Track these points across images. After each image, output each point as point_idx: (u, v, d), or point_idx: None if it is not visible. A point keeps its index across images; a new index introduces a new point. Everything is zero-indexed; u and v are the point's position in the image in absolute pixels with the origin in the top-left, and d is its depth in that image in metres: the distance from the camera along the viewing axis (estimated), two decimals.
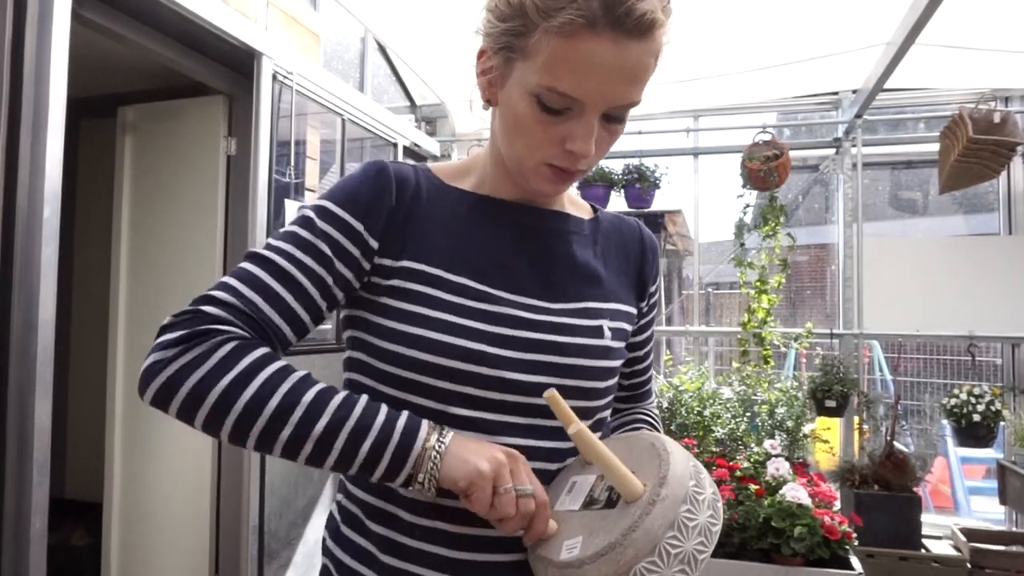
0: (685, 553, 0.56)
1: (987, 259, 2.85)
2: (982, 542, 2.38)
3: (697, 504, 0.58)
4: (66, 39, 1.47)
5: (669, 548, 0.55)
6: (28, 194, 1.43)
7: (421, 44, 2.91)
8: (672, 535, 0.56)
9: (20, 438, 1.41)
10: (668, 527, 0.56)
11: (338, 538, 0.73)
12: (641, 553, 0.55)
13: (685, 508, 0.57)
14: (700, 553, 0.56)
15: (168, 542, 2.38)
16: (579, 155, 0.65)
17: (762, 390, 2.99)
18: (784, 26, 2.57)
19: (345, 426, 0.60)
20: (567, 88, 0.62)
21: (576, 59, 0.61)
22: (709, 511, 0.58)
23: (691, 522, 0.56)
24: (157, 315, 2.44)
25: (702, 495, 0.59)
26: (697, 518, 0.57)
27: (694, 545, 0.56)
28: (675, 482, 0.58)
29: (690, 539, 0.56)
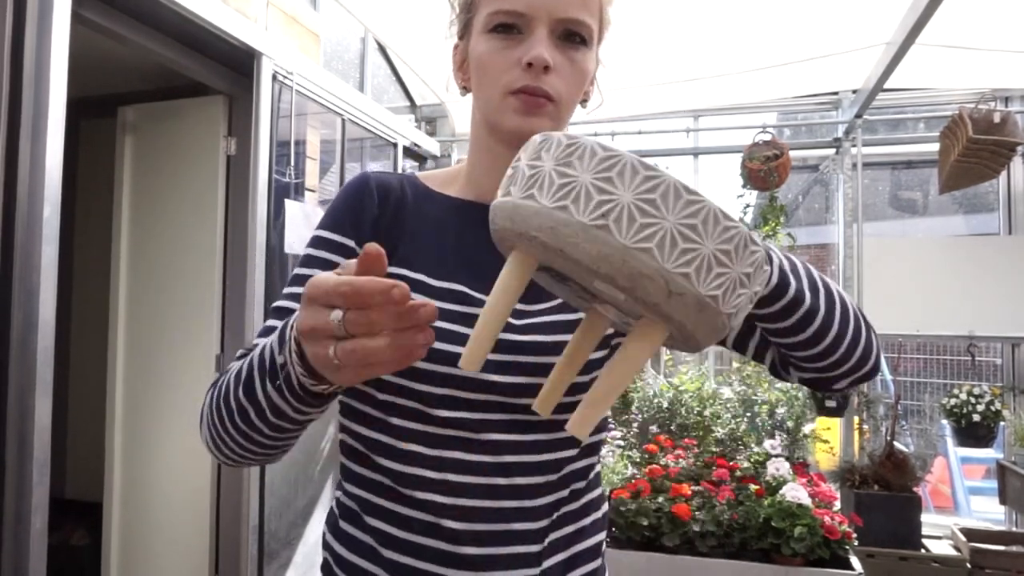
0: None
1: (987, 259, 2.85)
2: (982, 542, 2.38)
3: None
4: (66, 39, 1.47)
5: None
6: (28, 194, 1.43)
7: (421, 44, 2.91)
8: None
9: (20, 438, 1.41)
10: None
11: (337, 533, 0.74)
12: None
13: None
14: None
15: (168, 542, 2.38)
16: (535, 65, 0.66)
17: (762, 390, 2.99)
18: (784, 26, 2.57)
19: (247, 376, 0.59)
20: (511, 3, 0.67)
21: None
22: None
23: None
24: (157, 315, 2.45)
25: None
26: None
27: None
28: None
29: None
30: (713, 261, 0.41)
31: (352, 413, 0.74)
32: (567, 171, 0.42)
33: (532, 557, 0.68)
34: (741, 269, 0.42)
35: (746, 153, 3.02)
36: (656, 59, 2.79)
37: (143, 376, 2.47)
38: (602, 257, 0.41)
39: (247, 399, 0.58)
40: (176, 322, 2.42)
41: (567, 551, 0.71)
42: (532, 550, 0.68)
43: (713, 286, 0.41)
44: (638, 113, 3.31)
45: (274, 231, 2.18)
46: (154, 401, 2.45)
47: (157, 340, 2.45)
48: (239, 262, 2.28)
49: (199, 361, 2.37)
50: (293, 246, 2.28)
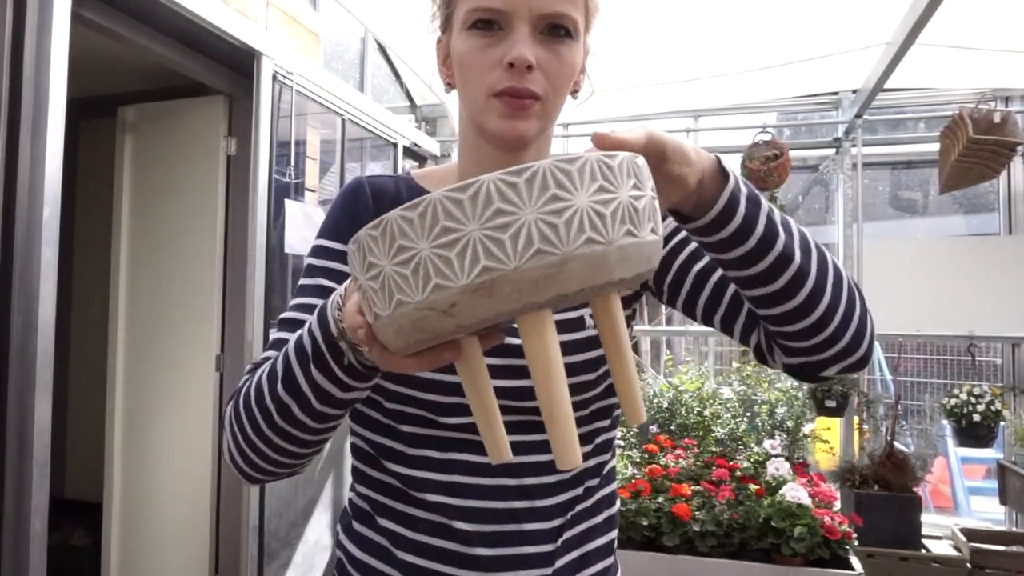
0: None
1: (987, 259, 2.85)
2: (982, 542, 2.38)
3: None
4: (66, 39, 1.47)
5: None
6: (28, 194, 1.43)
7: (421, 44, 2.91)
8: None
9: (20, 438, 1.41)
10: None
11: (350, 533, 0.75)
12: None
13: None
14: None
15: (168, 542, 2.38)
16: (517, 64, 0.62)
17: (762, 390, 2.99)
18: (784, 26, 2.57)
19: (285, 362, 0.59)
20: (488, 1, 0.64)
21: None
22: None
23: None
24: (157, 315, 2.45)
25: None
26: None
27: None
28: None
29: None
30: (586, 213, 0.37)
31: (361, 418, 0.74)
32: (374, 270, 0.40)
33: (544, 557, 0.68)
34: (588, 198, 0.37)
35: (746, 153, 3.02)
36: (656, 59, 2.79)
37: (143, 376, 2.47)
38: (510, 298, 0.37)
39: (288, 393, 0.58)
40: (176, 322, 2.42)
41: (580, 549, 0.71)
42: (544, 549, 0.68)
43: (601, 229, 0.37)
44: (638, 113, 3.31)
45: (274, 231, 2.18)
46: (154, 401, 2.45)
47: (157, 340, 2.45)
48: (239, 262, 2.28)
49: (199, 361, 2.37)
50: (293, 246, 2.28)
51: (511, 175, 0.37)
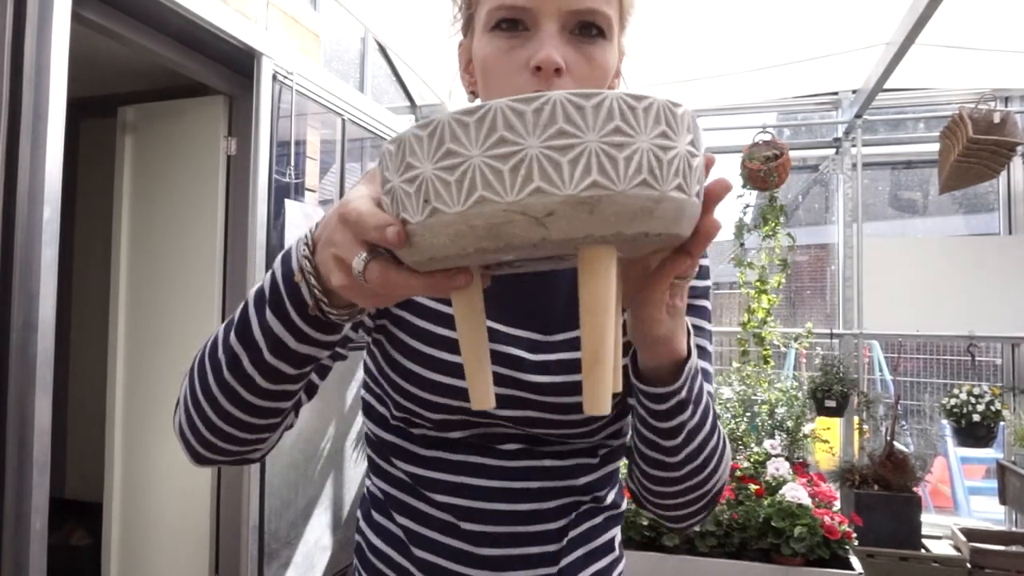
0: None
1: (987, 259, 2.85)
2: (982, 542, 2.38)
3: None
4: (66, 39, 1.47)
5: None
6: (28, 194, 1.43)
7: (421, 44, 2.91)
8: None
9: (20, 438, 1.41)
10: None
11: (370, 522, 0.76)
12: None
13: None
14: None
15: (168, 542, 2.38)
16: (545, 67, 0.56)
17: (762, 390, 2.99)
18: (784, 26, 2.57)
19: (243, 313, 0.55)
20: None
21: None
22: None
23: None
24: (157, 315, 2.45)
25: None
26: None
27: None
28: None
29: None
30: (683, 160, 0.36)
31: (371, 413, 0.75)
32: (453, 159, 0.36)
33: (549, 556, 0.69)
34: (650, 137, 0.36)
35: (746, 153, 3.02)
36: (656, 59, 2.79)
37: (143, 376, 2.47)
38: (607, 221, 0.35)
39: (241, 341, 0.53)
40: (176, 322, 2.42)
41: (585, 547, 0.72)
42: (550, 549, 0.69)
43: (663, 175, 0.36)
44: None
45: (274, 231, 2.18)
46: (154, 401, 2.45)
47: (157, 340, 2.45)
48: (239, 262, 2.28)
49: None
50: None
51: (633, 99, 0.36)
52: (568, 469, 0.69)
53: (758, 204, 3.19)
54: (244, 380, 0.54)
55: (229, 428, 0.58)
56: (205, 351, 0.58)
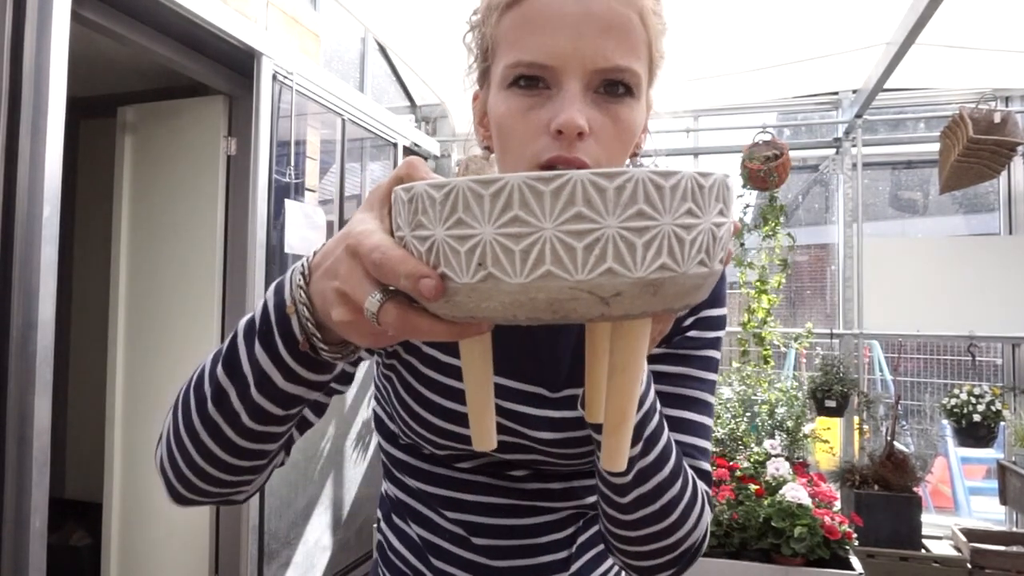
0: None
1: (987, 259, 2.85)
2: (982, 542, 2.38)
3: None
4: (66, 39, 1.47)
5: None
6: (28, 194, 1.43)
7: (421, 44, 2.91)
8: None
9: (20, 438, 1.41)
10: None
11: (390, 523, 0.76)
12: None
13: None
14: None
15: (168, 542, 2.38)
16: (567, 131, 0.51)
17: (762, 390, 2.99)
18: (784, 26, 2.57)
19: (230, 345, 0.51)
20: (532, 54, 0.53)
21: (532, 18, 0.53)
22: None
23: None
24: (157, 315, 2.45)
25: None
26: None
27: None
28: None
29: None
30: (670, 233, 0.34)
31: (382, 428, 0.76)
32: (521, 227, 0.33)
33: (560, 563, 0.70)
34: (673, 218, 0.34)
35: (746, 153, 3.02)
36: None
37: (143, 376, 2.47)
38: (665, 300, 0.35)
39: (227, 373, 0.49)
40: (176, 322, 2.42)
41: (594, 549, 0.72)
42: (560, 557, 0.70)
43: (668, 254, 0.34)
44: None
45: (274, 231, 2.18)
46: (154, 401, 2.45)
47: (157, 340, 2.45)
48: (239, 262, 2.28)
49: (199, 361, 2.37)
50: (293, 246, 2.28)
51: (701, 177, 0.35)
52: (576, 490, 0.70)
53: (758, 204, 3.19)
54: (229, 417, 0.50)
55: (211, 468, 0.54)
56: (191, 383, 0.54)
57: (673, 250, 0.34)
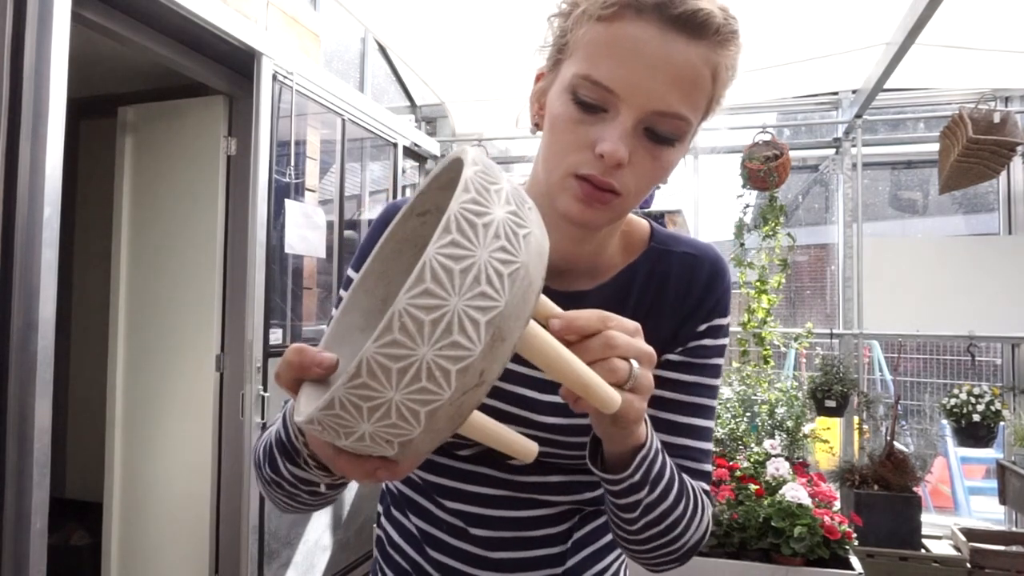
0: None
1: (987, 259, 2.85)
2: (982, 542, 2.38)
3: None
4: (66, 39, 1.47)
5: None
6: (28, 194, 1.43)
7: (421, 44, 2.91)
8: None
9: (20, 438, 1.41)
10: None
11: (389, 517, 0.78)
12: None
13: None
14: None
15: (168, 542, 2.38)
16: (607, 159, 0.56)
17: (762, 390, 2.99)
18: (784, 26, 2.57)
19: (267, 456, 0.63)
20: (602, 75, 0.56)
21: (616, 43, 0.55)
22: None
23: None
24: (157, 315, 2.45)
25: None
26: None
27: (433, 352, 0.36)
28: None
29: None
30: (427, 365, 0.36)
31: None
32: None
33: (556, 557, 0.71)
34: (436, 349, 0.36)
35: (746, 153, 3.02)
36: None
37: (143, 376, 2.47)
38: (514, 328, 0.39)
39: (275, 475, 0.60)
40: (176, 322, 2.42)
41: (590, 547, 0.73)
42: (556, 551, 0.71)
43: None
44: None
45: (274, 231, 2.19)
46: (154, 401, 2.45)
47: (157, 340, 2.45)
48: (239, 262, 2.28)
49: (199, 361, 2.37)
50: (293, 246, 2.28)
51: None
52: (574, 484, 0.71)
53: (758, 204, 3.19)
54: (291, 495, 0.60)
55: (290, 502, 0.63)
56: (260, 454, 0.63)
57: (482, 307, 0.36)
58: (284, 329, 2.31)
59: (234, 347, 2.32)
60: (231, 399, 2.33)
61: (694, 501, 0.64)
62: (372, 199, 3.15)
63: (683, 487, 0.63)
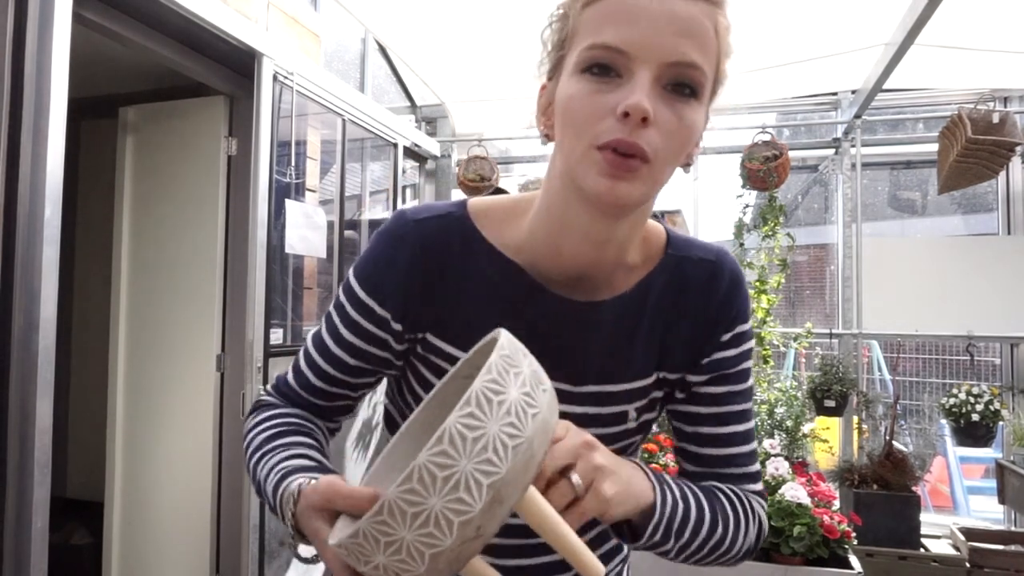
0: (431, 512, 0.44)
1: (986, 259, 2.85)
2: (981, 541, 2.38)
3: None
4: (66, 39, 1.48)
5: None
6: (29, 194, 1.44)
7: (421, 44, 2.91)
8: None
9: (21, 438, 1.42)
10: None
11: None
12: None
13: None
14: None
15: (169, 541, 2.39)
16: (633, 113, 0.53)
17: (761, 390, 2.99)
18: (784, 26, 2.57)
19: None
20: (609, 37, 0.55)
21: (616, 10, 0.56)
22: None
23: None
24: (157, 315, 2.45)
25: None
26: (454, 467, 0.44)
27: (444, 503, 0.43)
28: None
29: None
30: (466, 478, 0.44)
31: (391, 424, 0.78)
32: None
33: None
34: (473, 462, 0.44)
35: (745, 153, 3.02)
36: None
37: (144, 376, 2.47)
38: (513, 494, 0.46)
39: (266, 502, 0.65)
40: (177, 322, 2.42)
41: (598, 550, 0.74)
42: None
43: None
44: None
45: (275, 231, 2.19)
46: (155, 401, 2.45)
47: (158, 340, 2.46)
48: (239, 262, 2.29)
49: (199, 361, 2.38)
50: (293, 246, 2.29)
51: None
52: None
53: (758, 204, 3.19)
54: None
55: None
56: (251, 461, 0.69)
57: (487, 471, 0.44)
58: (284, 329, 2.31)
59: (234, 347, 2.32)
60: (231, 399, 2.34)
61: (735, 517, 0.67)
62: (372, 199, 3.16)
63: (717, 515, 0.66)
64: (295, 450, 0.66)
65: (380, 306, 0.67)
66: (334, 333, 0.70)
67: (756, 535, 0.70)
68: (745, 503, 0.70)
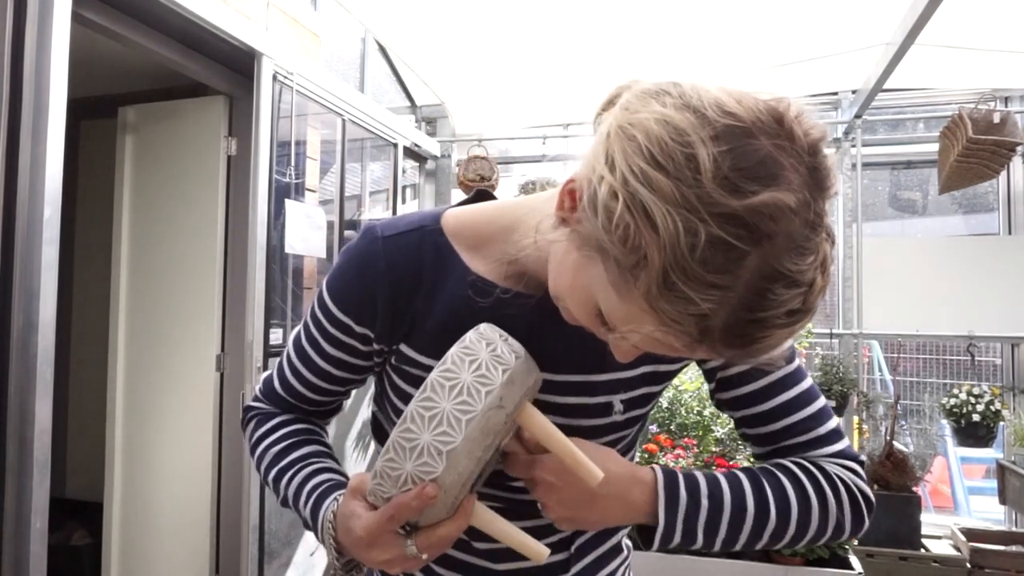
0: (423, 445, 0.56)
1: (986, 259, 2.85)
2: (982, 542, 2.38)
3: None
4: (66, 39, 1.48)
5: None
6: (29, 194, 1.43)
7: (421, 44, 2.91)
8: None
9: (21, 438, 1.41)
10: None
11: None
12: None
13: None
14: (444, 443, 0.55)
15: (169, 541, 2.39)
16: (616, 356, 0.56)
17: None
18: (784, 26, 2.57)
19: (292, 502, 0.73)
20: (633, 340, 0.51)
21: (654, 340, 0.49)
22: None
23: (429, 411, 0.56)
24: (157, 315, 2.45)
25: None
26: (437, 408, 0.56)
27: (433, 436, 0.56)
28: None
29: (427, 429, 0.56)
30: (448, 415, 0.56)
31: (379, 432, 0.78)
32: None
33: (559, 565, 0.72)
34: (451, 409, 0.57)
35: None
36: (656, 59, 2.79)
37: (143, 376, 2.47)
38: (525, 383, 0.60)
39: (283, 504, 0.73)
40: (176, 322, 2.42)
41: (594, 552, 0.74)
42: (559, 558, 0.72)
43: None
44: None
45: (274, 231, 2.19)
46: (154, 401, 2.45)
47: (157, 340, 2.45)
48: (239, 262, 2.29)
49: (199, 361, 2.37)
50: (293, 246, 2.28)
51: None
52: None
53: None
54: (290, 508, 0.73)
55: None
56: (263, 469, 0.75)
57: (501, 358, 0.59)
58: (284, 329, 2.31)
59: (234, 347, 2.32)
60: (231, 399, 2.33)
61: (800, 495, 0.65)
62: (372, 199, 3.16)
63: (768, 500, 0.65)
64: (316, 462, 0.72)
65: (357, 324, 0.68)
66: (316, 346, 0.71)
67: (849, 502, 0.65)
68: (815, 473, 0.66)
